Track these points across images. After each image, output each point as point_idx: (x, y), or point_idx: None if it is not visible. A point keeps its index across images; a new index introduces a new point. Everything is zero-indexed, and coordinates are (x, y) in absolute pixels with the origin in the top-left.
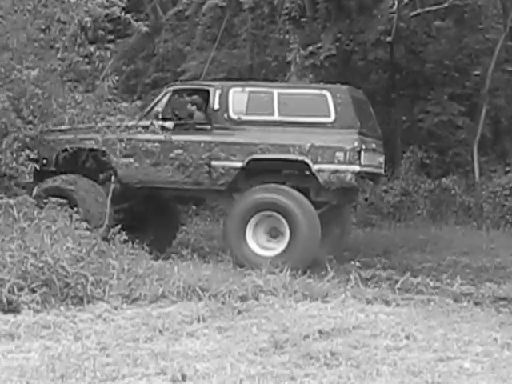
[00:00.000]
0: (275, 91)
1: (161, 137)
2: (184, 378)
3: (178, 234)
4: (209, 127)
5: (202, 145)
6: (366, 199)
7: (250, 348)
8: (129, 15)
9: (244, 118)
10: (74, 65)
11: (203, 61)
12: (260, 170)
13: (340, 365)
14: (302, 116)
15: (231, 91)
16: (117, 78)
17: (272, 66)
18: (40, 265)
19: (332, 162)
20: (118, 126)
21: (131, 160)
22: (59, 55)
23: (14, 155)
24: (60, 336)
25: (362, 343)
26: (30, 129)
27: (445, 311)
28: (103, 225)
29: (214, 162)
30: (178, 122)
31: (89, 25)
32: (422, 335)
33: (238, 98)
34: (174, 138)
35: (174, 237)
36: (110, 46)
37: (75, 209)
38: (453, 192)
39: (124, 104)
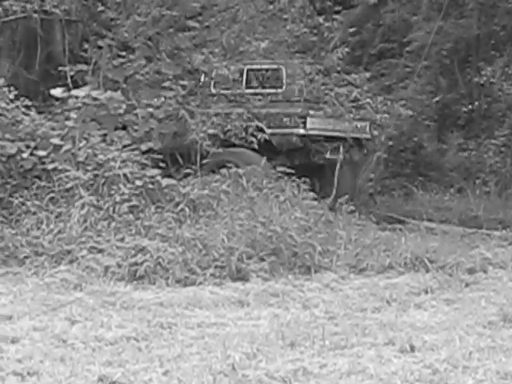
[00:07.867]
0: (245, 67)
1: None
2: (412, 349)
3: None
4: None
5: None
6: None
7: (479, 321)
8: None
9: (221, 91)
10: (301, 36)
11: (429, 31)
12: None
13: None
14: (262, 88)
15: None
16: (346, 49)
17: (500, 35)
18: (268, 234)
19: (281, 127)
20: None
21: None
22: (288, 27)
23: (244, 125)
24: (288, 304)
25: None
26: (259, 99)
27: None
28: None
29: None
30: None
31: None
32: None
33: (218, 75)
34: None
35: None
36: (338, 16)
37: None
38: None
39: (353, 75)
